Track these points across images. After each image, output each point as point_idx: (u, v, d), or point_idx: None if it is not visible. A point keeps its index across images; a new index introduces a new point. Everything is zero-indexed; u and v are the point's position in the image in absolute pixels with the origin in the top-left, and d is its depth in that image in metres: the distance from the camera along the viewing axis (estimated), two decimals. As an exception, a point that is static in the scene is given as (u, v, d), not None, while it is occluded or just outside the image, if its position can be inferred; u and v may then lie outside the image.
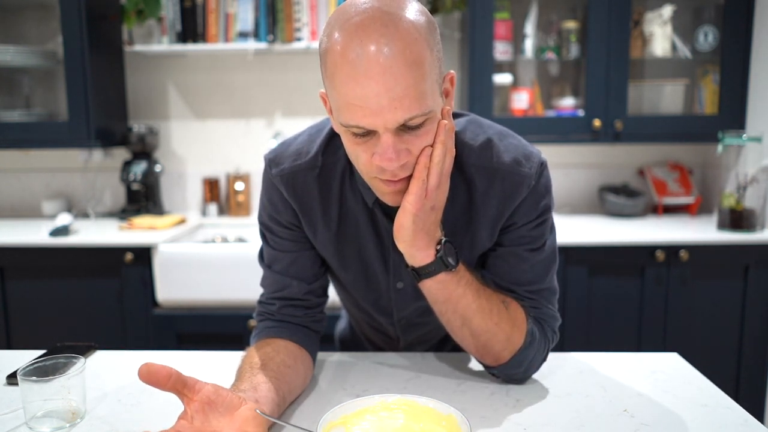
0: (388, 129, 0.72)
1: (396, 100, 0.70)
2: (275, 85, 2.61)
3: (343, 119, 0.74)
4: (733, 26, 2.20)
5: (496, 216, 0.88)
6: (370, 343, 1.19)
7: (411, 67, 0.70)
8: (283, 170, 0.90)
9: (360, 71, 0.69)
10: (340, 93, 0.72)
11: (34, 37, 2.53)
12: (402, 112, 0.71)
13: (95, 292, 2.11)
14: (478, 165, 0.87)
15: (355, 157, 0.78)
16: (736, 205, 2.11)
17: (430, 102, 0.73)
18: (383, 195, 0.81)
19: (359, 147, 0.76)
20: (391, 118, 0.71)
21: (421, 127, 0.74)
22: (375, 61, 0.69)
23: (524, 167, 0.86)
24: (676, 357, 1.03)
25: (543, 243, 0.90)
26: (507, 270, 0.90)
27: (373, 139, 0.74)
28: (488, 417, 0.81)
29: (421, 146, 0.76)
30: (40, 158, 2.67)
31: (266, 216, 0.95)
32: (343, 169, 0.90)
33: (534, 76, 2.50)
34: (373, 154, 0.75)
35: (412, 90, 0.70)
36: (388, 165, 0.74)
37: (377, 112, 0.70)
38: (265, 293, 0.98)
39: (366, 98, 0.70)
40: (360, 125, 0.72)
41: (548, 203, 0.89)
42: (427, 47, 0.72)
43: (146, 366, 0.66)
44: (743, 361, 2.07)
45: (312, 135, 0.93)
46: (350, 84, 0.70)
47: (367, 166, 0.77)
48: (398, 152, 0.73)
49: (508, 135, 0.91)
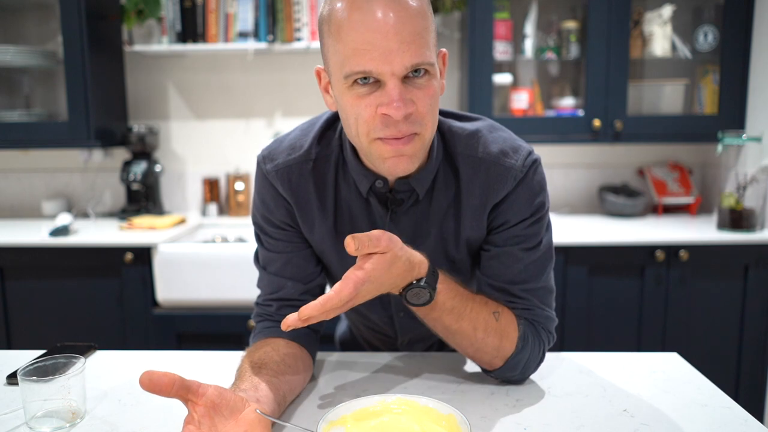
0: (395, 74, 0.73)
1: (405, 44, 0.72)
2: (275, 85, 2.61)
3: (349, 67, 0.74)
4: (733, 26, 2.20)
5: (479, 206, 0.88)
6: (368, 345, 1.19)
7: (418, 15, 0.74)
8: (277, 165, 0.91)
9: (368, 15, 0.72)
10: (346, 42, 0.74)
11: (34, 37, 2.53)
12: (410, 56, 0.73)
13: (95, 292, 2.11)
14: (465, 154, 0.88)
15: (356, 116, 0.77)
16: (736, 205, 2.11)
17: (433, 56, 0.76)
18: (384, 161, 0.80)
19: (362, 102, 0.76)
20: (399, 62, 0.73)
21: (423, 77, 0.76)
22: (383, 6, 0.72)
23: (510, 159, 0.86)
24: (675, 357, 1.03)
25: (538, 242, 0.90)
26: (501, 270, 0.90)
27: (377, 92, 0.75)
28: (488, 417, 0.81)
29: (424, 100, 0.76)
30: (40, 158, 2.67)
31: (259, 217, 0.95)
32: (337, 159, 0.91)
33: (534, 76, 2.51)
34: (378, 106, 0.75)
35: (419, 36, 0.73)
36: (395, 112, 0.74)
37: (386, 55, 0.72)
38: (261, 295, 0.97)
39: (375, 42, 0.72)
40: (367, 69, 0.73)
41: (543, 201, 0.89)
42: (428, 9, 0.77)
43: (147, 374, 0.64)
44: (743, 361, 2.07)
45: (304, 130, 0.94)
46: (359, 29, 0.72)
47: (370, 124, 0.77)
48: (404, 100, 0.74)
49: (498, 128, 0.91)
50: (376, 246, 0.74)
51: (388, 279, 0.77)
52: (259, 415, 0.70)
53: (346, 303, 0.73)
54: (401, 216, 0.91)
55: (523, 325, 0.89)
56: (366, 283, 0.74)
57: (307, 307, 0.71)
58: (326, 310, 0.71)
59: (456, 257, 0.94)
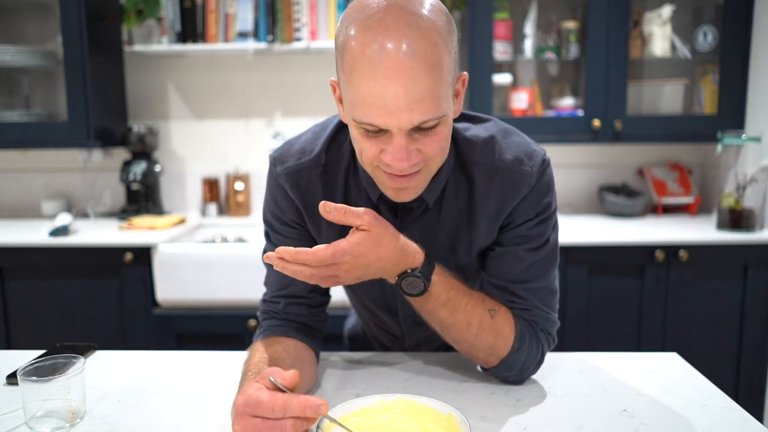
0: (402, 130, 0.72)
1: (413, 102, 0.70)
2: (275, 85, 2.61)
3: (357, 115, 0.74)
4: (733, 26, 2.20)
5: (494, 214, 0.88)
6: (377, 342, 1.19)
7: (430, 69, 0.70)
8: (287, 168, 0.91)
9: (379, 70, 0.69)
10: (356, 89, 0.72)
11: (34, 37, 2.53)
12: (418, 115, 0.71)
13: (95, 292, 2.11)
14: (480, 162, 0.87)
15: (361, 149, 0.78)
16: (736, 205, 2.11)
17: (444, 106, 0.73)
18: (386, 189, 0.82)
19: (368, 141, 0.76)
20: (407, 120, 0.71)
21: (433, 128, 0.74)
22: (395, 60, 0.68)
23: (526, 166, 0.86)
24: (675, 357, 1.03)
25: (544, 242, 0.89)
26: (503, 269, 0.90)
27: (383, 137, 0.75)
28: (488, 417, 0.81)
29: (431, 145, 0.76)
30: (39, 158, 2.67)
31: (270, 214, 0.95)
32: (347, 165, 0.91)
33: (533, 76, 2.51)
34: (382, 151, 0.75)
35: (429, 93, 0.70)
36: (398, 165, 0.74)
37: (393, 113, 0.71)
38: (268, 292, 0.97)
39: (383, 98, 0.70)
40: (374, 123, 0.72)
41: (549, 201, 0.89)
42: (446, 49, 0.72)
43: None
44: (743, 361, 2.07)
45: (316, 133, 0.93)
46: (368, 82, 0.70)
47: (372, 159, 0.77)
48: (409, 153, 0.74)
49: (512, 132, 0.90)
50: (356, 217, 0.75)
51: (376, 260, 0.77)
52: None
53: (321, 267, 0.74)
54: (410, 224, 0.91)
55: (521, 325, 0.88)
56: (347, 255, 0.74)
57: (283, 249, 0.74)
58: (297, 259, 0.74)
59: (465, 264, 0.93)
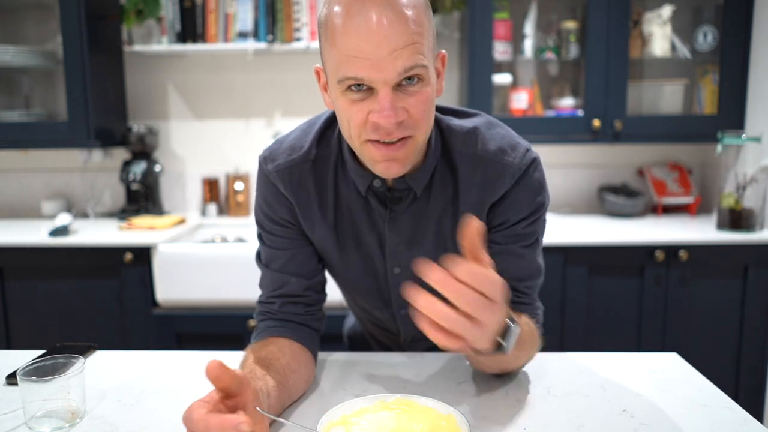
0: (387, 83, 0.74)
1: (396, 51, 0.72)
2: (275, 85, 2.61)
3: (342, 73, 0.75)
4: (733, 26, 2.20)
5: (477, 203, 0.89)
6: (374, 340, 1.19)
7: (411, 22, 0.73)
8: (278, 165, 0.92)
9: (361, 23, 0.72)
10: (340, 48, 0.74)
11: (34, 37, 2.53)
12: (401, 62, 0.73)
13: (95, 292, 2.11)
14: (463, 152, 0.89)
15: (348, 119, 0.78)
16: (736, 205, 2.11)
17: (427, 61, 0.76)
18: (375, 164, 0.81)
19: (355, 106, 0.77)
20: (391, 69, 0.73)
21: (417, 84, 0.76)
22: (377, 13, 0.72)
23: (509, 156, 0.87)
24: (675, 357, 1.03)
25: (535, 239, 0.92)
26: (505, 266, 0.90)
27: (369, 98, 0.76)
28: (488, 417, 0.81)
29: (417, 107, 0.77)
30: (39, 158, 2.67)
31: (262, 215, 0.96)
32: (336, 159, 0.91)
33: (533, 76, 2.51)
34: (369, 114, 0.76)
35: (411, 43, 0.73)
36: (385, 121, 0.75)
37: (377, 64, 0.72)
38: (264, 293, 0.98)
39: (366, 50, 0.72)
40: (358, 76, 0.74)
41: (543, 200, 0.90)
42: (425, 13, 0.76)
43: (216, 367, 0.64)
44: (742, 361, 2.07)
45: (305, 130, 0.94)
46: (351, 36, 0.73)
47: (360, 128, 0.78)
48: (396, 109, 0.75)
49: (497, 125, 0.91)
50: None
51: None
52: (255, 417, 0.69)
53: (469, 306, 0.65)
54: (400, 214, 0.91)
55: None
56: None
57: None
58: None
59: (453, 254, 0.93)
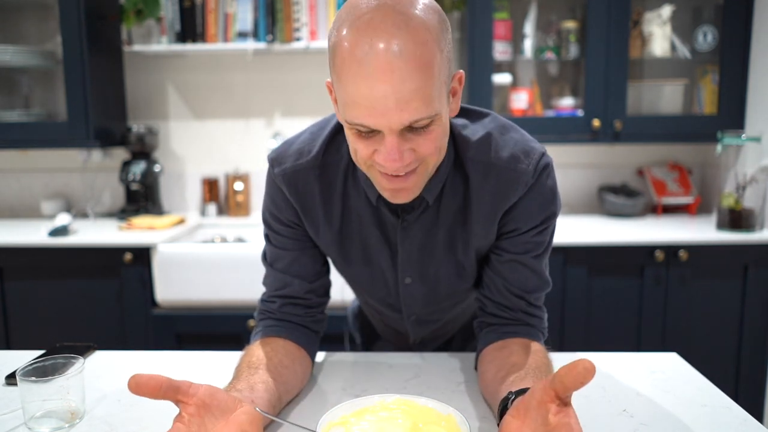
0: (393, 130, 0.72)
1: (402, 102, 0.69)
2: (274, 85, 2.61)
3: (348, 116, 0.73)
4: (733, 26, 2.20)
5: (490, 212, 0.87)
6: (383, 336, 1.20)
7: (420, 69, 0.69)
8: (285, 170, 0.90)
9: (368, 71, 0.68)
10: (346, 90, 0.72)
11: (33, 37, 2.53)
12: (408, 114, 0.70)
13: (94, 292, 2.11)
14: (476, 159, 0.86)
15: (355, 149, 0.78)
16: (735, 205, 2.11)
17: (437, 105, 0.72)
18: (382, 190, 0.81)
19: (361, 142, 0.76)
20: (397, 120, 0.70)
21: (426, 128, 0.74)
22: (384, 61, 0.68)
23: (522, 163, 0.84)
24: (675, 357, 1.03)
25: (545, 249, 0.91)
26: (515, 276, 0.91)
27: (376, 137, 0.74)
28: (488, 417, 0.81)
29: (425, 145, 0.75)
30: (39, 158, 2.66)
31: (268, 214, 0.95)
32: (346, 166, 0.90)
33: (533, 76, 2.50)
34: (375, 151, 0.75)
35: (419, 93, 0.69)
36: (391, 166, 0.74)
37: (383, 113, 0.70)
38: (266, 292, 0.98)
39: (372, 98, 0.69)
40: (365, 124, 0.72)
41: (554, 209, 0.88)
42: (437, 48, 0.71)
43: (134, 378, 0.64)
44: (742, 361, 2.07)
45: (314, 133, 0.93)
46: (357, 83, 0.70)
47: (366, 159, 0.77)
48: (402, 153, 0.73)
49: (510, 129, 0.89)
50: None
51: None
52: (250, 416, 0.69)
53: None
54: (412, 224, 0.90)
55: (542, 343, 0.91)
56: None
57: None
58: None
59: (465, 263, 0.93)
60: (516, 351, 0.84)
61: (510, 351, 0.85)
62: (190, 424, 0.66)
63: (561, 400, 0.60)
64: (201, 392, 0.67)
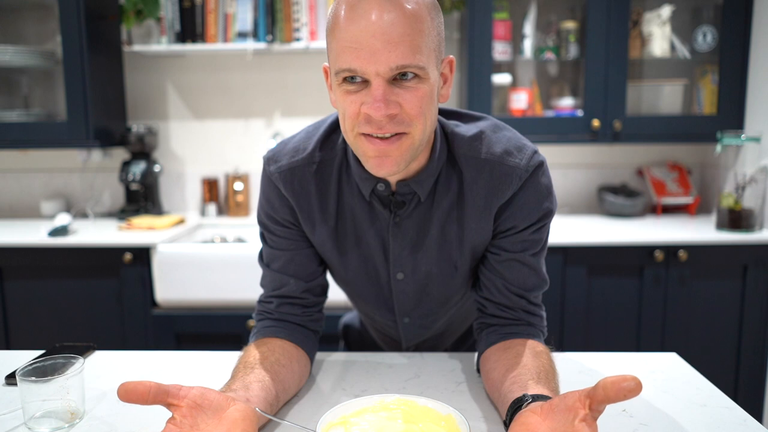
0: (379, 74, 0.73)
1: (390, 44, 0.72)
2: (274, 85, 2.61)
3: (338, 64, 0.75)
4: (732, 26, 2.21)
5: (483, 207, 0.88)
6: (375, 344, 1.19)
7: (408, 19, 0.73)
8: (281, 167, 0.91)
9: (361, 16, 0.72)
10: (338, 40, 0.75)
11: (33, 37, 2.53)
12: (395, 57, 0.72)
13: (94, 293, 2.11)
14: (468, 155, 0.87)
15: (344, 111, 0.78)
16: (735, 205, 2.11)
17: (424, 59, 0.75)
18: (368, 159, 0.80)
19: (348, 98, 0.77)
20: (384, 62, 0.72)
21: (413, 80, 0.75)
22: (378, 8, 0.72)
23: (514, 158, 0.86)
24: (674, 357, 1.03)
25: (542, 246, 0.91)
26: (514, 275, 0.91)
27: (363, 90, 0.76)
28: (488, 417, 0.81)
29: (412, 102, 0.76)
30: (38, 158, 2.66)
31: (264, 215, 0.96)
32: (340, 163, 0.91)
33: (533, 76, 2.51)
34: (362, 104, 0.76)
35: (407, 39, 0.72)
36: (375, 112, 0.74)
37: (371, 55, 0.72)
38: (264, 292, 0.98)
39: (362, 41, 0.72)
40: (352, 67, 0.74)
41: (550, 207, 0.89)
42: (427, 13, 0.75)
43: (123, 386, 0.64)
44: (742, 361, 2.07)
45: (309, 132, 0.94)
46: (350, 28, 0.73)
47: (354, 120, 0.77)
48: (387, 102, 0.74)
49: (503, 128, 0.90)
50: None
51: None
52: (243, 414, 0.70)
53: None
54: (405, 219, 0.91)
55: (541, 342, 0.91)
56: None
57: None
58: None
59: (458, 261, 0.94)
60: (522, 352, 0.85)
61: (516, 352, 0.85)
62: (182, 425, 0.67)
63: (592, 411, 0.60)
64: (192, 394, 0.68)
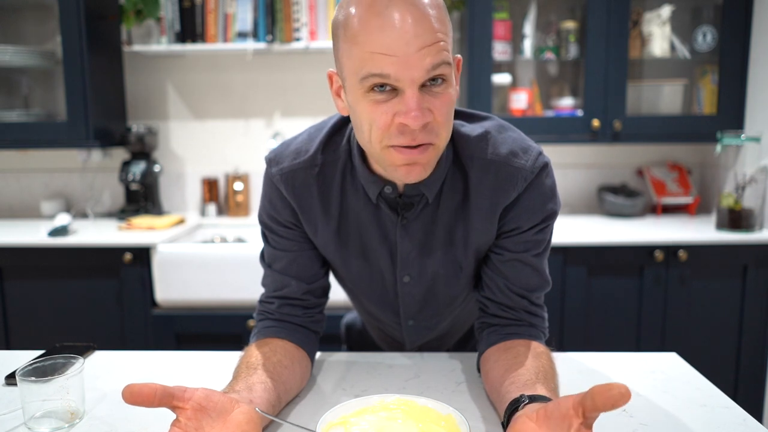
0: (414, 82, 0.72)
1: (424, 48, 0.71)
2: (274, 85, 2.61)
3: (367, 69, 0.73)
4: (732, 26, 2.21)
5: (489, 207, 0.87)
6: (377, 345, 1.19)
7: (436, 20, 0.73)
8: (282, 169, 0.91)
9: (387, 21, 0.71)
10: (363, 45, 0.72)
11: (33, 37, 2.53)
12: (430, 59, 0.72)
13: (94, 293, 2.11)
14: (474, 156, 0.87)
15: (371, 122, 0.76)
16: (735, 205, 2.11)
17: (450, 57, 0.75)
18: (397, 169, 0.79)
19: (379, 108, 0.74)
20: (420, 66, 0.71)
21: (440, 85, 0.75)
22: (402, 11, 0.71)
23: (520, 159, 0.85)
24: (674, 357, 1.03)
25: (545, 247, 0.91)
26: (517, 275, 0.91)
27: (395, 99, 0.74)
28: (488, 417, 0.81)
29: (441, 109, 0.75)
30: (38, 158, 2.66)
31: (266, 216, 0.95)
32: (344, 165, 0.90)
33: (533, 76, 2.51)
34: (395, 116, 0.74)
35: (437, 41, 0.72)
36: (413, 122, 0.73)
37: (405, 61, 0.71)
38: (265, 293, 0.98)
39: (393, 47, 0.71)
40: (386, 72, 0.72)
41: (554, 208, 0.89)
42: (446, 15, 0.76)
43: (128, 388, 0.64)
44: (742, 361, 2.07)
45: (312, 134, 0.93)
46: (377, 33, 0.71)
47: (384, 131, 0.75)
48: (422, 110, 0.73)
49: (508, 128, 0.90)
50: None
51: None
52: (247, 416, 0.69)
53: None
54: (412, 221, 0.90)
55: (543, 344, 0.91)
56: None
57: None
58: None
59: (464, 262, 0.93)
60: (522, 353, 0.84)
61: (516, 352, 0.85)
62: (187, 428, 0.66)
63: (585, 420, 0.60)
64: (196, 396, 0.68)
